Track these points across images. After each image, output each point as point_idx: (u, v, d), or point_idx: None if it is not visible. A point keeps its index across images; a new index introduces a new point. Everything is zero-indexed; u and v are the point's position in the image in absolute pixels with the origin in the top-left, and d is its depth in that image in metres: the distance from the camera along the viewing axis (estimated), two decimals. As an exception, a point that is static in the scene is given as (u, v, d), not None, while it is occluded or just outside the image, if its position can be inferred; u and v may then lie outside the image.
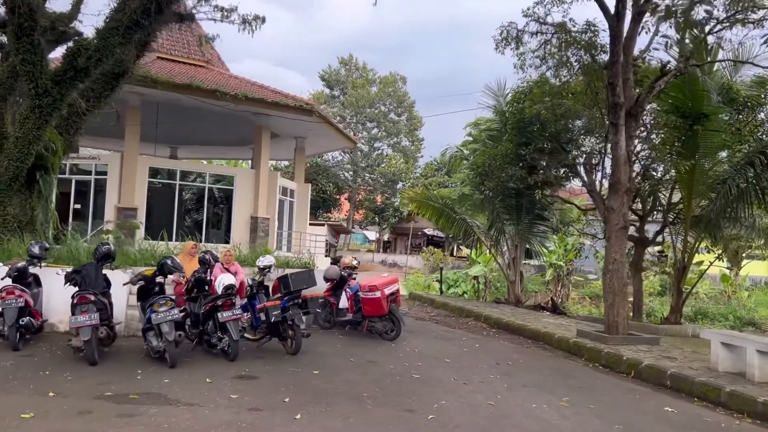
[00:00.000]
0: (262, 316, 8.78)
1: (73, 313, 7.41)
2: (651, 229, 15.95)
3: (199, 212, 21.30)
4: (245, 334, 9.60)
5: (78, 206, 20.02)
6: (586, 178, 12.29)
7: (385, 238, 55.82)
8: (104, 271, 8.47)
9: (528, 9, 14.61)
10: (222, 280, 8.30)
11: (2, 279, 8.52)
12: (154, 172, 20.46)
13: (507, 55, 17.16)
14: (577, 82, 14.55)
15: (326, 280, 11.51)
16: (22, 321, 7.98)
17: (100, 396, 6.08)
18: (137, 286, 8.30)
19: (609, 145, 11.56)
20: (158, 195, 20.84)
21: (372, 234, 58.57)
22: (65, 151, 12.92)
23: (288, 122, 22.31)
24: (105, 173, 19.52)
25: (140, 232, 19.22)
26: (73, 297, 7.59)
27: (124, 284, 8.30)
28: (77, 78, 11.14)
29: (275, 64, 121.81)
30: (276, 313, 8.55)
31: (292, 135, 24.79)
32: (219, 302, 8.13)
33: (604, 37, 12.85)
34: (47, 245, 9.48)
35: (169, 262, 8.32)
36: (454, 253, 39.38)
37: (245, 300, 9.66)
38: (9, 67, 11.58)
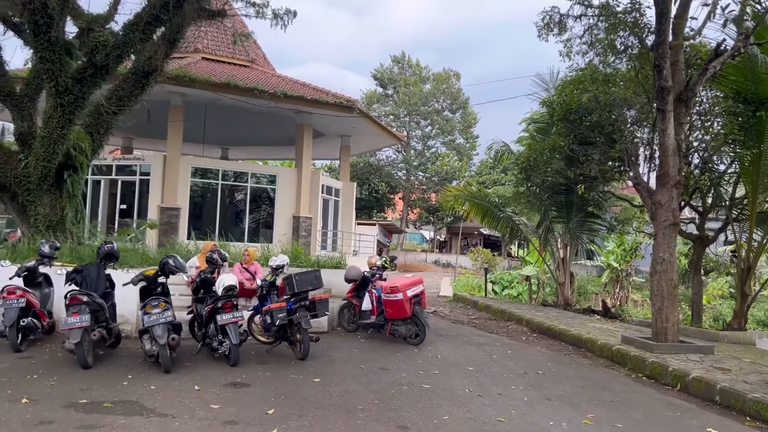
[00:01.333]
0: (268, 319, 8.31)
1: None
2: (714, 227, 14.64)
3: (242, 212, 21.22)
4: (258, 337, 9.20)
5: (124, 206, 20.29)
6: (631, 171, 11.22)
7: (441, 237, 54.92)
8: (108, 271, 8.20)
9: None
10: (222, 280, 7.88)
11: (11, 279, 8.39)
12: (196, 172, 20.51)
13: (552, 42, 16.17)
14: (629, 68, 13.49)
15: (347, 280, 10.97)
16: (23, 322, 7.81)
17: (72, 404, 5.73)
18: (138, 287, 7.96)
19: (657, 135, 10.49)
20: (201, 195, 20.92)
21: (429, 234, 57.81)
22: (94, 151, 12.88)
23: (331, 120, 21.99)
24: (149, 174, 19.67)
25: (183, 232, 19.34)
26: (65, 297, 7.33)
27: (123, 285, 8.01)
28: (98, 75, 11.04)
29: (338, 67, 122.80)
30: (281, 315, 8.06)
31: (337, 133, 24.49)
32: (219, 304, 7.70)
33: (652, 17, 11.78)
34: (58, 245, 9.35)
35: (170, 261, 7.96)
36: (513, 253, 38.13)
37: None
38: (35, 66, 11.62)
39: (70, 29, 13.45)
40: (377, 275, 11.47)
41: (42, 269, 8.82)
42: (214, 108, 21.26)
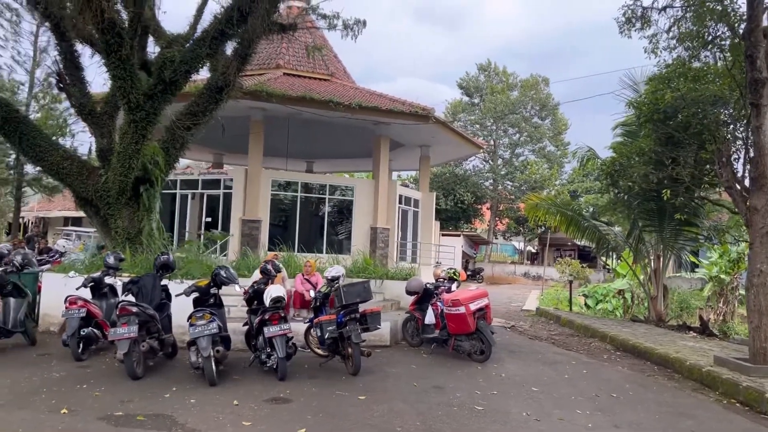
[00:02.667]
0: (318, 332, 8.07)
1: (113, 325, 7.23)
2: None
3: (320, 223, 21.32)
4: (315, 350, 8.99)
5: (209, 219, 20.94)
6: (723, 173, 10.10)
7: (533, 249, 53.14)
8: (164, 282, 8.29)
9: (658, -18, 12.70)
10: (270, 292, 7.73)
11: (77, 289, 8.68)
12: (276, 185, 20.86)
13: (636, 39, 15.09)
14: (720, 61, 12.32)
15: (408, 292, 10.58)
16: (83, 332, 8.01)
17: (107, 416, 5.72)
18: (192, 298, 7.97)
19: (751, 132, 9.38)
20: (281, 207, 21.23)
21: (520, 245, 56.07)
22: (170, 165, 13.27)
23: (409, 131, 21.74)
24: (232, 187, 20.20)
25: (264, 243, 19.69)
26: (115, 308, 7.43)
27: (176, 295, 8.05)
28: (168, 91, 11.34)
29: (429, 80, 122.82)
30: (330, 328, 7.80)
31: (416, 144, 24.18)
32: (266, 316, 7.55)
33: (743, 4, 10.66)
34: (122, 256, 9.61)
35: (222, 272, 7.93)
36: (607, 265, 36.15)
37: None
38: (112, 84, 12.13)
39: (153, 49, 14.14)
40: (442, 287, 10.97)
41: (107, 280, 9.08)
42: (297, 122, 21.59)
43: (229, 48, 13.64)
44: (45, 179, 23.54)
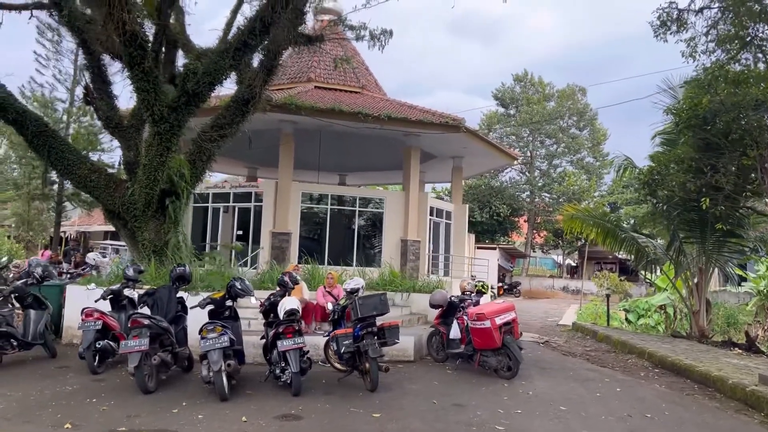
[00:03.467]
0: (334, 346, 7.81)
1: (125, 337, 7.12)
2: None
3: (350, 235, 21.15)
4: (335, 364, 8.73)
5: (240, 232, 21.00)
6: (767, 180, 9.52)
7: (573, 262, 51.92)
8: (180, 294, 8.17)
9: (695, -17, 12.25)
10: (284, 304, 7.53)
11: (96, 301, 8.64)
12: (307, 197, 20.82)
13: (672, 42, 14.50)
14: (766, 63, 11.76)
15: (432, 306, 10.24)
16: (99, 344, 7.94)
17: (110, 431, 5.55)
18: (207, 310, 7.82)
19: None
20: (311, 219, 21.16)
21: (560, 258, 54.83)
22: (197, 178, 13.28)
23: (440, 142, 21.49)
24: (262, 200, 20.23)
25: (294, 256, 19.61)
26: (127, 320, 7.33)
27: (191, 308, 7.92)
28: (191, 103, 11.34)
29: (467, 93, 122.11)
30: (346, 342, 7.54)
31: (449, 155, 23.89)
32: (280, 329, 7.33)
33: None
34: (142, 268, 9.56)
35: (237, 284, 7.76)
36: (650, 279, 34.97)
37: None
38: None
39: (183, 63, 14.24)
40: (468, 300, 10.59)
41: (126, 292, 9.02)
42: (329, 136, 21.57)
43: (258, 60, 13.73)
44: (84, 194, 24.08)
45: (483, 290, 11.51)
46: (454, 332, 9.93)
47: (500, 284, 34.44)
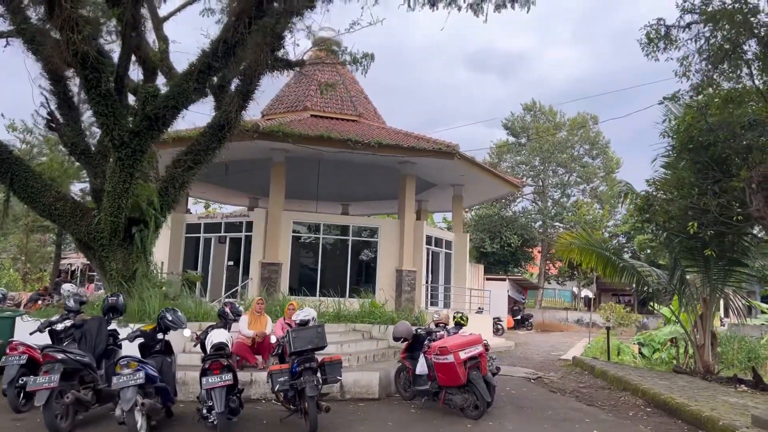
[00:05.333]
0: (269, 383, 7.16)
1: (35, 373, 6.57)
2: None
3: (343, 265, 20.49)
4: (284, 402, 8.07)
5: (231, 263, 20.55)
6: (753, 202, 8.75)
7: (591, 294, 50.41)
8: (113, 327, 7.64)
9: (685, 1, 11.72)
10: (211, 337, 6.93)
11: (31, 334, 8.14)
12: (298, 227, 20.33)
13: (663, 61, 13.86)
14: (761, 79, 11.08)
15: (395, 339, 9.56)
16: (22, 380, 7.40)
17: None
18: (137, 344, 7.25)
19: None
20: (302, 249, 20.65)
21: (583, 291, 53.20)
22: (169, 206, 12.87)
23: (437, 169, 20.98)
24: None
25: (285, 288, 19.04)
26: (40, 352, 6.79)
27: (119, 341, 7.37)
28: (154, 128, 10.97)
29: (487, 126, 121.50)
30: (281, 380, 6.90)
31: (449, 183, 23.32)
32: (206, 365, 6.72)
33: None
34: (84, 299, 9.05)
35: (168, 315, 7.20)
36: (656, 309, 33.60)
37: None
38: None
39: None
40: (442, 333, 9.87)
41: (66, 324, 8.49)
42: (329, 165, 21.21)
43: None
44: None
45: (462, 322, 10.77)
46: (421, 368, 9.20)
47: (510, 316, 33.32)
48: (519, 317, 34.70)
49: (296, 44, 20.67)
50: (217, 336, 7.00)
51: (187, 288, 13.43)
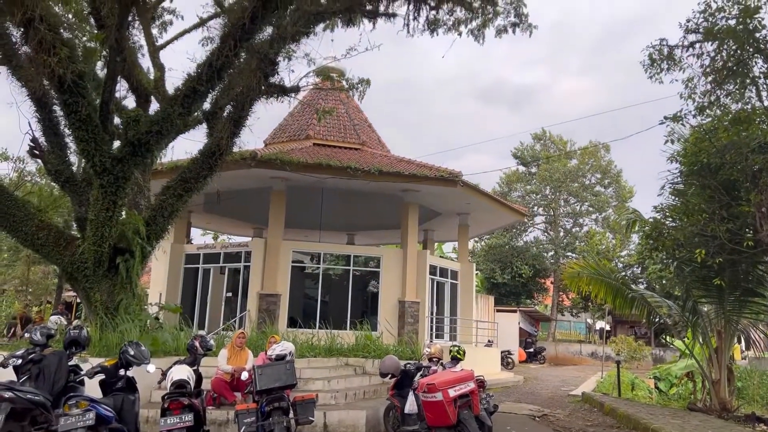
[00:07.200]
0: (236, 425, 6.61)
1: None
2: None
3: (344, 296, 19.94)
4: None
5: (230, 294, 20.11)
6: (764, 227, 8.17)
7: (607, 326, 49.13)
8: (75, 362, 7.16)
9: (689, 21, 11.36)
10: (171, 374, 6.43)
11: (-7, 368, 7.65)
12: (298, 257, 19.88)
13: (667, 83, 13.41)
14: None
15: (382, 375, 8.97)
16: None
17: None
18: (97, 381, 6.75)
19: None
20: (303, 280, 20.17)
21: (597, 323, 51.94)
22: (157, 235, 12.49)
23: (441, 198, 20.55)
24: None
25: (283, 320, 18.52)
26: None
27: (78, 378, 6.88)
28: (138, 154, 10.66)
29: (500, 158, 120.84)
30: (247, 421, 6.35)
31: (454, 212, 22.81)
32: (166, 404, 6.20)
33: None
34: (52, 332, 8.58)
35: (130, 350, 6.69)
36: (669, 341, 32.50)
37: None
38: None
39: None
40: (434, 368, 9.28)
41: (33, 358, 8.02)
42: (333, 194, 20.87)
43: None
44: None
45: (459, 356, 10.14)
46: (410, 406, 8.59)
47: (522, 349, 32.37)
48: (531, 350, 33.75)
49: (291, 71, 20.35)
50: (178, 372, 6.49)
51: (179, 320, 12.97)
